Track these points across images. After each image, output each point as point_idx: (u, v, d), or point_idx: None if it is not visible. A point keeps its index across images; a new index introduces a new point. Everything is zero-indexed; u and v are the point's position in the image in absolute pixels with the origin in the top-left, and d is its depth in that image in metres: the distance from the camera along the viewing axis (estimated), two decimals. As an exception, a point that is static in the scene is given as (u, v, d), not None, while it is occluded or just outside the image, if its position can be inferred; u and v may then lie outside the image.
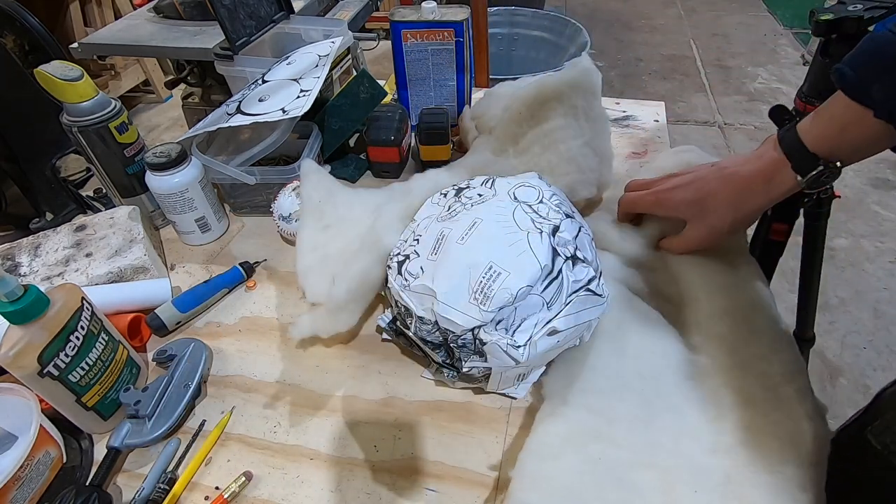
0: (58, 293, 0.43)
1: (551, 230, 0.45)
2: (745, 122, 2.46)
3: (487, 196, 0.49)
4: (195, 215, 0.64)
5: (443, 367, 0.48)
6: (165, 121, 2.52)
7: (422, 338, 0.46)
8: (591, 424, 0.42)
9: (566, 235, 0.45)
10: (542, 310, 0.43)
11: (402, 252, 0.49)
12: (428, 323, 0.45)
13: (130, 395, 0.47)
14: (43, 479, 0.42)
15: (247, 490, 0.43)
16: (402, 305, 0.47)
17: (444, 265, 0.45)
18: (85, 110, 0.60)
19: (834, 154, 0.43)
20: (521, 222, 0.45)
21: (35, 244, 0.61)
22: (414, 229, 0.51)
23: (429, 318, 0.44)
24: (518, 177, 0.52)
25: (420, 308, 0.45)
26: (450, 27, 0.73)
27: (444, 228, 0.47)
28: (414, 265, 0.47)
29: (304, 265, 0.54)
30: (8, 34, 0.68)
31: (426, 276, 0.45)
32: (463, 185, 0.53)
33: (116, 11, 2.34)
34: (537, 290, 0.42)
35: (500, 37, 2.09)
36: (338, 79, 0.80)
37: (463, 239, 0.45)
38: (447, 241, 0.46)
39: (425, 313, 0.45)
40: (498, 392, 0.48)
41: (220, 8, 0.65)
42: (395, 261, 0.49)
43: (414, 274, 0.46)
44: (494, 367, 0.44)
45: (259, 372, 0.52)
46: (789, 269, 1.04)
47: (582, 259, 0.45)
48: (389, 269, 0.49)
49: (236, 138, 0.71)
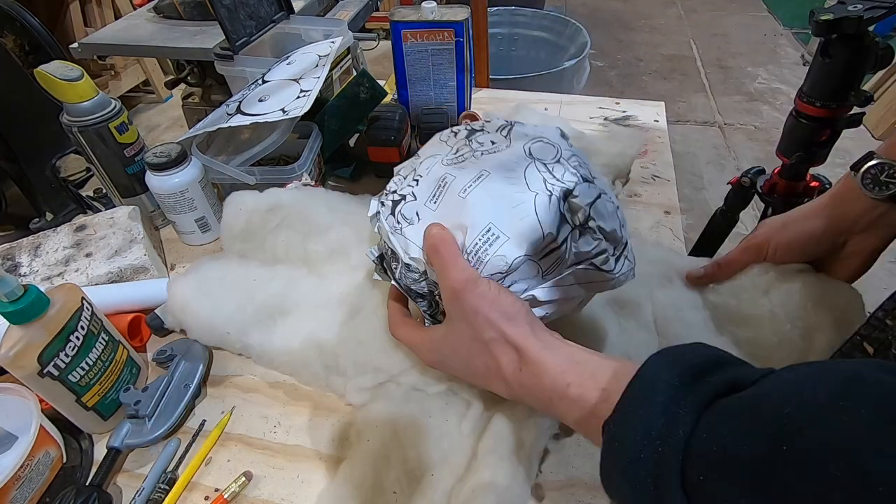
0: (58, 293, 0.43)
1: (562, 194, 0.40)
2: (745, 122, 2.46)
3: (501, 146, 0.44)
4: (195, 215, 0.64)
5: (425, 316, 0.45)
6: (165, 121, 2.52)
7: (406, 286, 0.44)
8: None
9: (579, 201, 0.40)
10: (536, 276, 0.40)
11: (400, 191, 0.45)
12: (415, 272, 0.42)
13: (130, 395, 0.47)
14: (43, 479, 0.42)
15: (247, 490, 0.43)
16: (388, 247, 0.44)
17: (440, 217, 0.41)
18: (85, 110, 0.60)
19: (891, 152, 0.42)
20: (531, 182, 0.41)
21: (35, 244, 0.61)
22: (416, 167, 0.46)
23: (416, 266, 0.42)
24: (538, 128, 0.47)
25: (408, 255, 0.42)
26: (450, 27, 0.73)
27: (448, 175, 0.43)
28: (409, 208, 0.43)
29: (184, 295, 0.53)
30: (8, 34, 0.68)
31: (421, 223, 0.42)
32: (477, 127, 0.47)
33: (116, 11, 2.34)
34: (535, 257, 0.39)
35: (500, 37, 2.09)
36: (338, 79, 0.80)
37: (465, 192, 0.41)
38: (448, 191, 0.42)
39: (413, 262, 0.42)
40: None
41: (220, 8, 0.65)
42: (389, 198, 0.45)
43: (408, 218, 0.43)
44: None
45: (259, 372, 0.52)
46: (789, 269, 1.04)
47: (594, 229, 0.40)
48: (383, 205, 0.46)
49: (236, 138, 0.71)
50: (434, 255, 0.39)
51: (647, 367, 0.29)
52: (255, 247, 0.57)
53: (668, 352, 0.29)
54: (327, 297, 0.53)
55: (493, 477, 0.38)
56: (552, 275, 0.40)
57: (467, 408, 0.45)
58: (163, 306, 0.55)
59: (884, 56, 0.67)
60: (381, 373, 0.47)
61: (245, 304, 0.52)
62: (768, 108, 2.55)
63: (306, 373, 0.49)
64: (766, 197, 0.94)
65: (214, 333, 0.52)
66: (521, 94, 0.93)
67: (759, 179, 0.95)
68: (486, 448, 0.41)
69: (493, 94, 0.95)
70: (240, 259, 0.57)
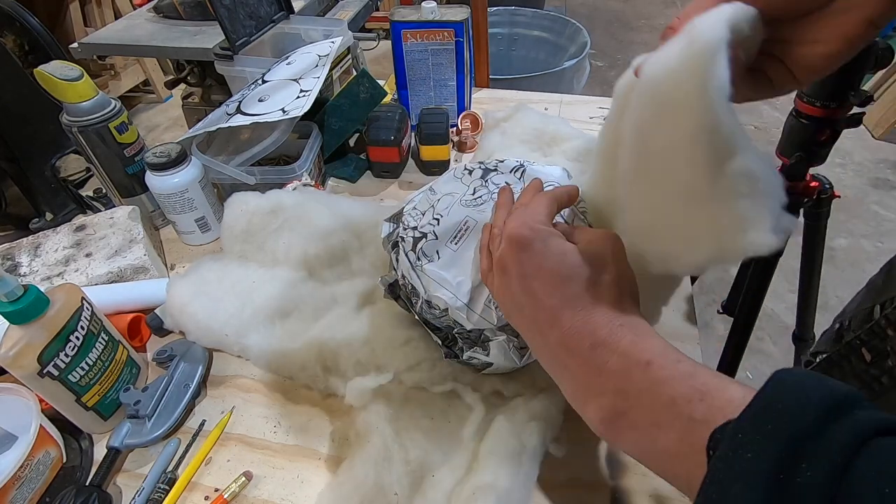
0: (58, 293, 0.43)
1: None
2: (745, 123, 2.46)
3: (516, 188, 0.46)
4: (195, 215, 0.64)
5: (441, 346, 0.46)
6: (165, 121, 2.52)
7: (425, 319, 0.45)
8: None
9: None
10: None
11: (420, 228, 0.46)
12: (436, 308, 0.43)
13: (130, 395, 0.47)
14: (43, 479, 0.42)
15: (247, 490, 0.43)
16: (409, 282, 0.45)
17: (466, 260, 0.43)
18: (85, 110, 0.60)
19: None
20: None
21: (35, 244, 0.61)
22: (434, 204, 0.48)
23: (437, 304, 0.43)
24: (546, 169, 0.49)
25: (428, 293, 0.44)
26: (450, 27, 0.73)
27: (469, 218, 0.45)
28: (430, 246, 0.45)
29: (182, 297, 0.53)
30: (8, 34, 0.68)
31: (443, 263, 0.43)
32: (491, 166, 0.50)
33: (116, 11, 2.34)
34: None
35: (500, 37, 2.09)
36: (338, 79, 0.80)
37: None
38: (471, 234, 0.44)
39: (434, 300, 0.43)
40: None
41: (220, 8, 0.65)
42: (409, 235, 0.46)
43: (429, 256, 0.44)
44: (495, 363, 0.44)
45: (259, 372, 0.52)
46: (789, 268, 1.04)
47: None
48: (402, 240, 0.47)
49: (236, 138, 0.71)
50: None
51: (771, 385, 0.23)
52: (255, 248, 0.57)
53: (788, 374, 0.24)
54: (328, 299, 0.53)
55: (494, 478, 0.39)
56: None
57: (469, 411, 0.45)
58: (162, 307, 0.55)
59: (884, 56, 0.67)
60: (384, 372, 0.47)
61: (244, 306, 0.52)
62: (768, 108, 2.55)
63: (305, 375, 0.49)
64: (766, 197, 0.94)
65: (213, 335, 0.52)
66: (521, 94, 0.93)
67: (759, 179, 0.95)
68: (487, 449, 0.41)
69: (493, 94, 0.95)
70: (239, 260, 0.57)
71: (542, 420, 0.42)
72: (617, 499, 0.41)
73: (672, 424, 0.26)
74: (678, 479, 0.26)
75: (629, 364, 0.29)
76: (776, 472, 0.21)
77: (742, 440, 0.22)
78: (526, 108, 0.79)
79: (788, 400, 0.22)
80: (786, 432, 0.21)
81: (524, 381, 0.46)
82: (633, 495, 0.41)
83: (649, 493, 0.41)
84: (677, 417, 0.26)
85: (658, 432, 0.27)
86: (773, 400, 0.23)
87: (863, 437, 0.20)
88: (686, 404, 0.26)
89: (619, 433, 0.29)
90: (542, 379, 0.46)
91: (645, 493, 0.41)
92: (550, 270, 0.33)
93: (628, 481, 0.42)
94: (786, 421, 0.21)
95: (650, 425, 0.27)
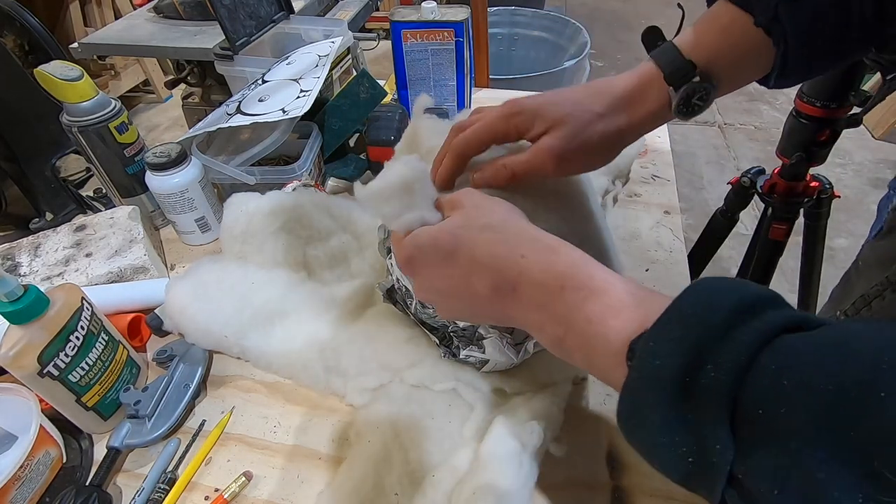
0: (58, 293, 0.43)
1: None
2: (745, 122, 2.46)
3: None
4: (195, 215, 0.64)
5: (439, 346, 0.47)
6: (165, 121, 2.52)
7: (421, 319, 0.46)
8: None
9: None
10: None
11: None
12: (429, 307, 0.44)
13: (130, 395, 0.47)
14: (43, 479, 0.42)
15: (247, 490, 0.43)
16: (403, 285, 0.46)
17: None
18: (85, 110, 0.60)
19: (712, 63, 0.38)
20: None
21: (35, 244, 0.61)
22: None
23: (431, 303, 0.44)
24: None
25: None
26: (450, 27, 0.73)
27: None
28: None
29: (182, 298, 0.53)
30: (8, 34, 0.68)
31: None
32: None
33: (116, 11, 2.34)
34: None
35: (500, 37, 2.09)
36: (338, 79, 0.80)
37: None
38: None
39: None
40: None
41: (220, 8, 0.65)
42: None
43: None
44: (491, 360, 0.44)
45: (259, 372, 0.52)
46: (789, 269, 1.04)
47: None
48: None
49: (236, 138, 0.71)
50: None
51: (687, 294, 0.24)
52: (255, 249, 0.57)
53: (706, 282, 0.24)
54: (328, 299, 0.53)
55: (495, 478, 0.38)
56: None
57: (470, 410, 0.45)
58: (161, 307, 0.55)
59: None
60: (386, 371, 0.47)
61: (243, 307, 0.52)
62: (768, 108, 2.55)
63: (306, 375, 0.49)
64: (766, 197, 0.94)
65: (212, 337, 0.52)
66: (521, 95, 0.93)
67: (759, 179, 0.95)
68: (487, 450, 0.41)
69: (493, 94, 0.95)
70: (238, 261, 0.57)
71: (542, 419, 0.42)
72: (617, 499, 0.41)
73: (594, 344, 0.27)
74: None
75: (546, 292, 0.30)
76: (682, 377, 0.21)
77: (653, 348, 0.23)
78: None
79: (698, 306, 0.23)
80: (694, 337, 0.22)
81: (525, 377, 0.46)
82: (633, 495, 0.41)
83: (649, 493, 0.41)
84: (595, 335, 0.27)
85: (591, 352, 0.28)
86: (685, 306, 0.23)
87: (767, 336, 0.21)
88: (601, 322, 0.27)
89: (571, 359, 0.30)
90: (544, 376, 0.46)
91: (645, 493, 0.41)
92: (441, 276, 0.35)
93: (628, 481, 0.42)
94: (694, 325, 0.22)
95: (582, 347, 0.28)
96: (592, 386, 0.49)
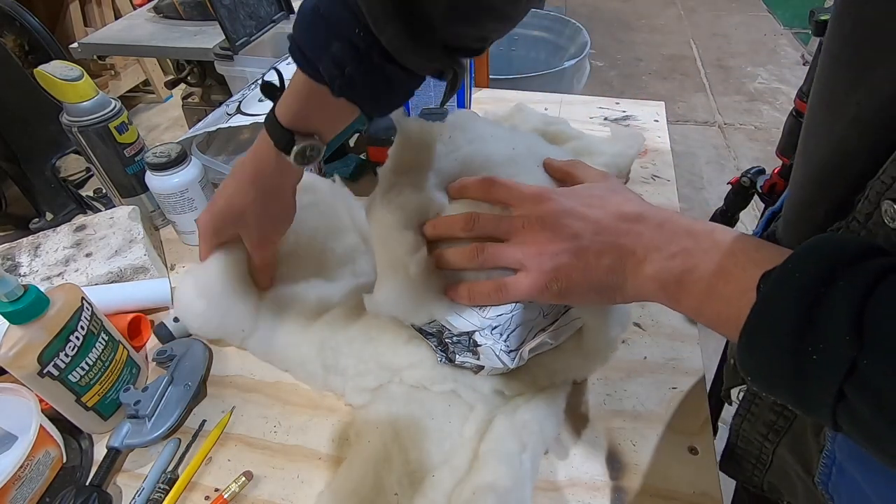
0: (58, 293, 0.43)
1: None
2: (745, 122, 2.46)
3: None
4: (195, 215, 0.64)
5: (435, 351, 0.47)
6: (165, 121, 2.52)
7: (418, 328, 0.46)
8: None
9: None
10: (538, 317, 0.43)
11: None
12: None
13: (130, 395, 0.47)
14: (43, 479, 0.42)
15: (247, 490, 0.43)
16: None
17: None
18: (85, 110, 0.60)
19: (309, 127, 0.41)
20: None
21: (35, 244, 0.61)
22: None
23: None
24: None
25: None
26: (450, 27, 0.73)
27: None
28: None
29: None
30: (8, 34, 0.68)
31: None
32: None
33: (116, 11, 2.34)
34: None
35: (500, 37, 2.08)
36: (338, 79, 0.80)
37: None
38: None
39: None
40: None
41: (220, 8, 0.66)
42: None
43: None
44: (486, 366, 0.44)
45: (259, 372, 0.52)
46: (789, 269, 1.05)
47: None
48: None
49: (236, 138, 0.71)
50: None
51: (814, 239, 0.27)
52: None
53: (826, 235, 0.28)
54: (331, 298, 0.53)
55: (495, 478, 0.39)
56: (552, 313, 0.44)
57: (470, 410, 0.45)
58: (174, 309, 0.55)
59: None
60: (385, 371, 0.47)
61: (247, 303, 0.52)
62: (768, 108, 2.55)
63: (303, 371, 0.49)
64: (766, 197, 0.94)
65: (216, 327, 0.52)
66: (521, 94, 0.93)
67: (759, 179, 0.95)
68: (487, 449, 0.41)
69: (493, 94, 0.95)
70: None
71: (542, 420, 0.42)
72: (617, 499, 0.41)
73: (732, 272, 0.30)
74: (728, 323, 0.29)
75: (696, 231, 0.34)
76: (816, 287, 0.24)
77: (790, 268, 0.26)
78: (526, 108, 0.79)
79: (829, 245, 0.26)
80: (828, 261, 0.25)
81: (525, 380, 0.46)
82: (633, 495, 0.41)
83: (649, 493, 0.41)
84: (737, 265, 0.30)
85: (718, 281, 0.30)
86: (817, 244, 0.26)
87: (890, 268, 0.24)
88: (744, 254, 0.30)
89: (683, 289, 0.32)
90: (543, 378, 0.46)
91: (645, 493, 0.41)
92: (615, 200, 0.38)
93: (628, 481, 0.42)
94: (827, 255, 0.25)
95: (713, 275, 0.30)
96: (592, 386, 0.49)
